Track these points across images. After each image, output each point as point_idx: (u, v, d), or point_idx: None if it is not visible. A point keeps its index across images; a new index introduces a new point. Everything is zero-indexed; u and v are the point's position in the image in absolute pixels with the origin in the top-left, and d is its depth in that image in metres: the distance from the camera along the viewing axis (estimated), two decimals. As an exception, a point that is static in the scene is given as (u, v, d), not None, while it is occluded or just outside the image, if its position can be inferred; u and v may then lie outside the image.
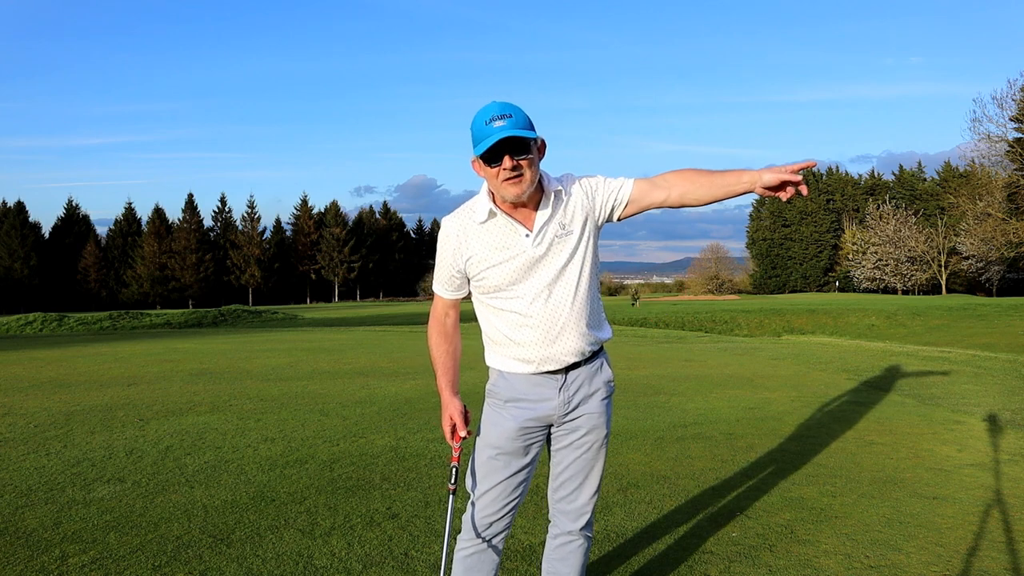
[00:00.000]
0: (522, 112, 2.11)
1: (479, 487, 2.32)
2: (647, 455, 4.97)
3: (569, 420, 2.30)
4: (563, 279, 2.21)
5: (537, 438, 2.31)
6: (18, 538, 3.41)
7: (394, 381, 8.36)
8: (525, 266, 2.19)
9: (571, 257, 2.21)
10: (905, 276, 67.62)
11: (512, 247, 2.19)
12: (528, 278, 2.20)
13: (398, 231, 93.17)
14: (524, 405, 2.27)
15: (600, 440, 2.33)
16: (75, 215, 75.55)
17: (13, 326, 26.18)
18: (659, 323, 27.66)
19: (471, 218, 2.24)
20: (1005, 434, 5.65)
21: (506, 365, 2.29)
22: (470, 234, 2.23)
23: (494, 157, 2.09)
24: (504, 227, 2.20)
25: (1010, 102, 48.57)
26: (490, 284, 2.23)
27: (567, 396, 2.26)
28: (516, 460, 2.29)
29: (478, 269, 2.23)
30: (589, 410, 2.30)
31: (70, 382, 8.29)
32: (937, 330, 23.71)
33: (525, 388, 2.27)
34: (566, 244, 2.20)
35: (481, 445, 2.34)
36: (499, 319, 2.26)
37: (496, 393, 2.33)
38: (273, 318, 31.39)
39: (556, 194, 2.23)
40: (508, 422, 2.28)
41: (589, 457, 2.33)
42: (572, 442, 2.32)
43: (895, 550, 3.33)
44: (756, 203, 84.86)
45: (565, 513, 2.38)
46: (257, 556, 3.22)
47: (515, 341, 2.24)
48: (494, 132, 2.04)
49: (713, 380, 8.59)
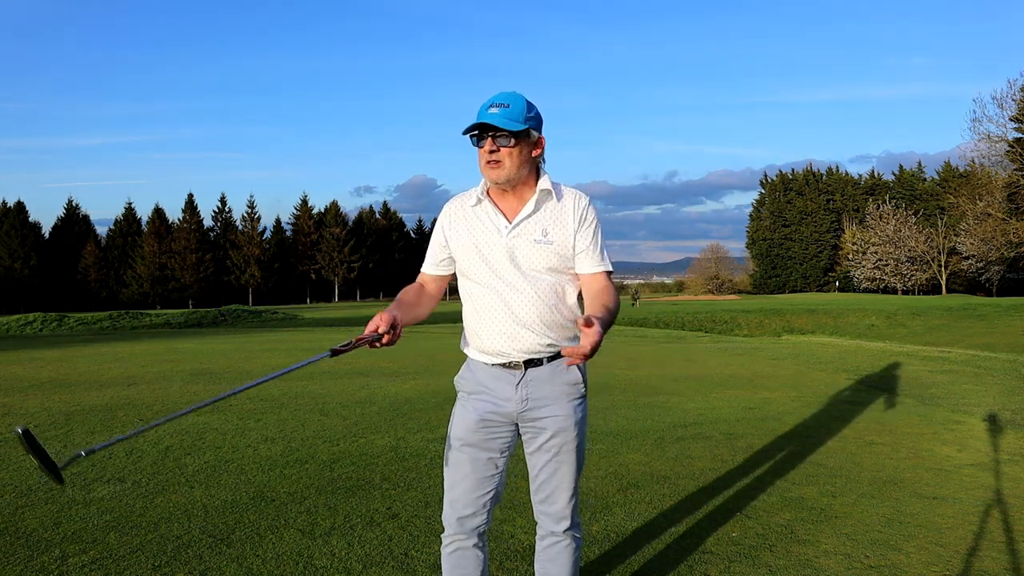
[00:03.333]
0: (523, 106, 2.18)
1: (448, 479, 2.35)
2: (647, 455, 4.97)
3: (534, 420, 2.29)
4: (530, 277, 2.23)
5: (501, 433, 2.30)
6: (18, 538, 3.41)
7: (394, 381, 8.36)
8: (494, 255, 2.24)
9: (543, 262, 2.24)
10: (905, 276, 67.64)
11: (488, 234, 2.26)
12: (494, 267, 2.24)
13: (398, 231, 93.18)
14: (484, 397, 2.29)
15: (568, 443, 2.29)
16: (75, 215, 75.54)
17: (13, 326, 26.18)
18: (659, 323, 27.66)
19: (466, 201, 2.34)
20: (1005, 434, 5.65)
21: (472, 354, 2.34)
22: (459, 215, 2.33)
23: (481, 139, 2.19)
24: (488, 214, 2.28)
25: (1010, 102, 48.61)
26: (462, 266, 2.31)
27: (524, 393, 2.26)
28: (481, 453, 2.30)
29: (455, 249, 2.32)
30: (554, 412, 2.27)
31: (70, 382, 8.29)
32: (937, 330, 23.71)
33: (486, 380, 2.29)
34: (541, 251, 2.23)
35: (450, 437, 2.36)
36: (469, 305, 2.32)
37: (462, 385, 2.37)
38: (273, 318, 31.36)
39: (543, 193, 2.26)
40: (470, 414, 2.30)
41: (560, 460, 2.30)
42: (540, 445, 2.31)
43: (895, 550, 3.33)
44: (756, 203, 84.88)
45: (547, 515, 2.38)
46: (257, 556, 3.22)
47: (475, 330, 2.29)
48: (483, 116, 2.16)
49: (713, 380, 8.59)
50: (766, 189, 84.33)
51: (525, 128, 2.16)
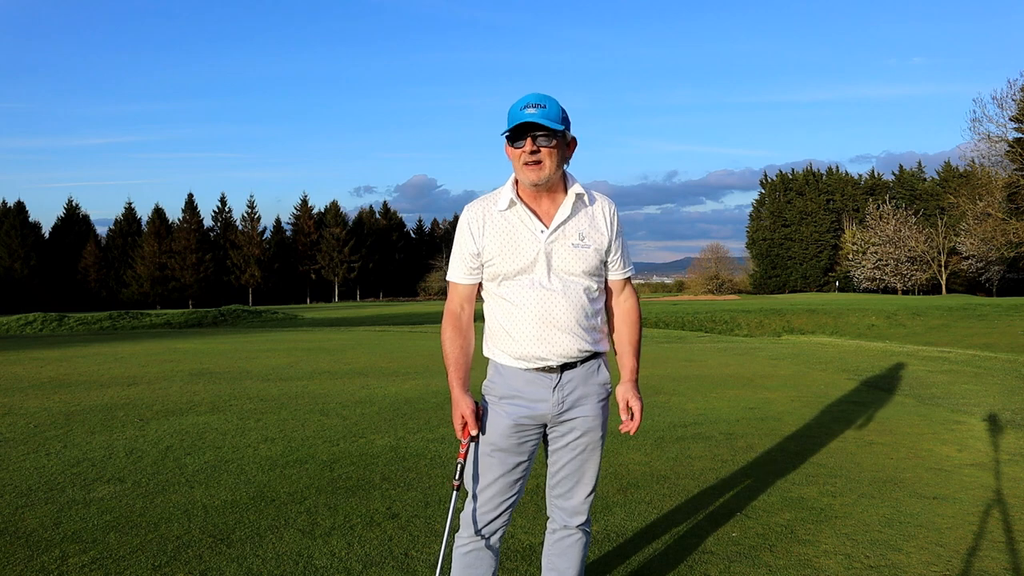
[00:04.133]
0: (557, 107, 2.20)
1: (476, 484, 2.34)
2: (647, 455, 4.97)
3: (564, 421, 2.31)
4: (565, 281, 2.25)
5: (532, 436, 2.32)
6: (18, 538, 3.41)
7: (394, 381, 8.36)
8: (533, 259, 2.24)
9: (580, 266, 2.26)
10: (905, 276, 67.61)
11: (525, 238, 2.25)
12: (533, 271, 2.24)
13: (398, 231, 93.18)
14: (519, 402, 2.29)
15: (595, 442, 2.35)
16: (75, 215, 75.51)
17: (13, 326, 26.17)
18: (659, 323, 27.65)
19: (493, 205, 2.31)
20: (1005, 434, 5.65)
21: (502, 359, 2.32)
22: (489, 219, 2.30)
23: (518, 139, 2.19)
24: (522, 217, 2.26)
25: (1010, 102, 48.56)
26: (497, 271, 2.27)
27: (561, 396, 2.28)
28: (511, 457, 2.30)
29: (490, 255, 2.28)
30: (584, 412, 2.32)
31: (70, 382, 8.29)
32: (937, 330, 23.70)
33: (520, 385, 2.28)
34: (579, 255, 2.25)
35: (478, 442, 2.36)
36: (500, 309, 2.30)
37: (491, 390, 2.35)
38: (273, 318, 31.37)
39: (578, 197, 2.28)
40: (503, 419, 2.29)
41: (584, 458, 2.36)
42: (568, 443, 2.34)
43: (895, 550, 3.33)
44: (756, 203, 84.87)
45: (562, 509, 2.41)
46: (257, 556, 3.22)
47: (510, 334, 2.27)
48: (522, 117, 2.16)
49: (713, 380, 8.59)
50: (766, 189, 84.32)
51: (563, 128, 2.19)
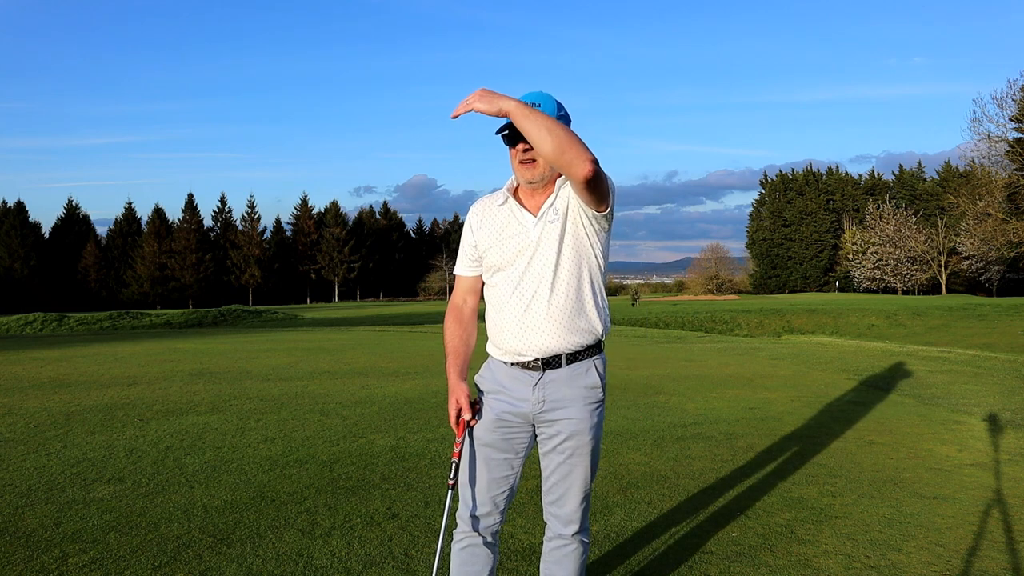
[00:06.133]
0: (553, 104, 2.20)
1: (464, 477, 2.35)
2: (647, 455, 4.97)
3: (549, 422, 2.27)
4: (549, 277, 2.21)
5: (517, 433, 2.30)
6: (18, 538, 3.41)
7: (394, 381, 8.36)
8: (519, 250, 2.25)
9: (557, 246, 2.21)
10: (905, 276, 67.63)
11: (515, 230, 2.27)
12: (516, 265, 2.25)
13: (398, 231, 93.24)
14: (502, 397, 2.29)
15: (582, 447, 2.27)
16: (75, 215, 75.58)
17: (13, 326, 26.17)
18: (659, 323, 27.65)
19: (493, 202, 2.36)
20: (1005, 434, 5.65)
21: (492, 351, 2.35)
22: (487, 214, 2.35)
23: (512, 140, 2.20)
24: (514, 211, 2.29)
25: (1010, 102, 48.56)
26: (489, 262, 2.31)
27: (542, 395, 2.25)
28: (496, 453, 2.30)
29: (484, 247, 2.32)
30: (569, 415, 2.25)
31: (70, 382, 8.29)
32: (937, 330, 23.70)
33: (504, 380, 2.29)
34: (552, 231, 2.22)
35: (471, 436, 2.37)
36: (490, 301, 2.34)
37: (480, 382, 2.38)
38: (273, 318, 31.38)
39: (561, 181, 2.27)
40: (487, 413, 2.31)
41: (573, 463, 2.28)
42: (554, 447, 2.29)
43: (895, 550, 3.33)
44: (756, 203, 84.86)
45: (556, 517, 2.36)
46: (257, 556, 3.22)
47: (497, 326, 2.29)
48: None
49: (713, 380, 8.59)
50: (766, 189, 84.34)
51: None
